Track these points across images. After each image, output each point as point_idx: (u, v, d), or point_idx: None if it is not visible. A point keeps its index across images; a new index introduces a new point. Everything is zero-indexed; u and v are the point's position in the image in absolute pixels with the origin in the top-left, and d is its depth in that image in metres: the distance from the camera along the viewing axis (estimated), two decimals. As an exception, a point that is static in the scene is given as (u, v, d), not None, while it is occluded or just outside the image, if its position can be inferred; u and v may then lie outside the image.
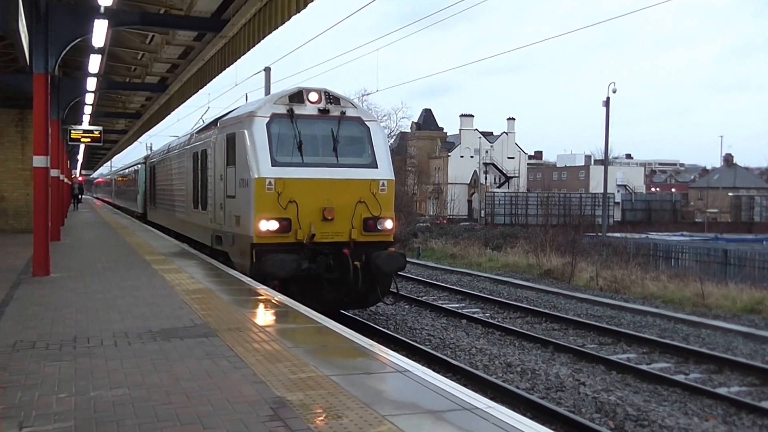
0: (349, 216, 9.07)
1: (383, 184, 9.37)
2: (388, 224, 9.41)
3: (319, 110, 9.31)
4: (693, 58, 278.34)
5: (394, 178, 9.73)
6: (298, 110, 9.20)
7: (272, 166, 8.84)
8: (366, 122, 9.67)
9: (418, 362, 5.75)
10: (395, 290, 10.10)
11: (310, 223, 8.85)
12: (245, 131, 9.08)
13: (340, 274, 8.95)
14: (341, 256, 8.93)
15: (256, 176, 8.76)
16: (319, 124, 9.30)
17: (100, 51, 11.09)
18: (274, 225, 8.74)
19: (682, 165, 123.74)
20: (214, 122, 11.65)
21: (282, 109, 9.15)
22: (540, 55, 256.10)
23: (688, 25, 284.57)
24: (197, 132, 13.24)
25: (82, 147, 27.10)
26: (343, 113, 9.42)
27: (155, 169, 19.23)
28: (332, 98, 9.49)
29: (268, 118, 9.05)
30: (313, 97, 9.34)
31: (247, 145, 8.97)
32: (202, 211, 11.77)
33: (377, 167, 9.42)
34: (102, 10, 8.80)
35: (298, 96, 9.30)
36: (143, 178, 22.47)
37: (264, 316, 6.25)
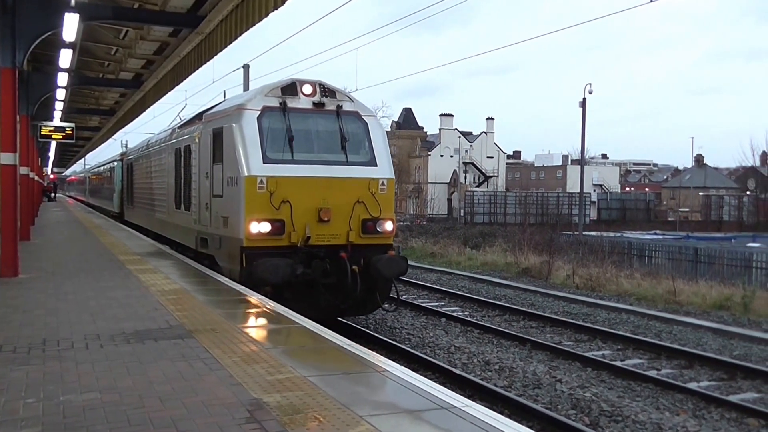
0: (346, 217, 8.46)
1: (383, 183, 8.72)
2: (388, 226, 8.77)
3: (314, 104, 8.67)
4: (674, 61, 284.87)
5: (394, 177, 9.05)
6: (292, 103, 8.54)
7: (264, 163, 8.19)
8: (364, 117, 9.00)
9: (398, 361, 5.75)
10: (395, 296, 9.43)
11: (304, 225, 8.23)
12: (234, 125, 8.39)
13: (337, 279, 8.37)
14: (338, 260, 8.34)
15: (246, 174, 8.11)
16: (314, 119, 8.66)
17: (71, 46, 10.78)
18: (265, 227, 8.10)
19: (655, 165, 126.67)
20: (199, 116, 10.97)
21: (274, 102, 8.48)
22: (529, 56, 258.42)
23: (671, 30, 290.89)
24: (180, 127, 12.58)
25: (53, 144, 26.43)
26: (339, 107, 8.79)
27: (133, 167, 18.64)
28: (328, 91, 8.84)
29: (258, 112, 8.36)
30: (308, 89, 8.69)
31: (236, 141, 8.27)
32: (185, 212, 11.12)
33: (376, 165, 8.78)
34: (72, 3, 8.57)
35: (291, 88, 8.63)
36: (120, 175, 21.87)
37: (241, 317, 6.17)
